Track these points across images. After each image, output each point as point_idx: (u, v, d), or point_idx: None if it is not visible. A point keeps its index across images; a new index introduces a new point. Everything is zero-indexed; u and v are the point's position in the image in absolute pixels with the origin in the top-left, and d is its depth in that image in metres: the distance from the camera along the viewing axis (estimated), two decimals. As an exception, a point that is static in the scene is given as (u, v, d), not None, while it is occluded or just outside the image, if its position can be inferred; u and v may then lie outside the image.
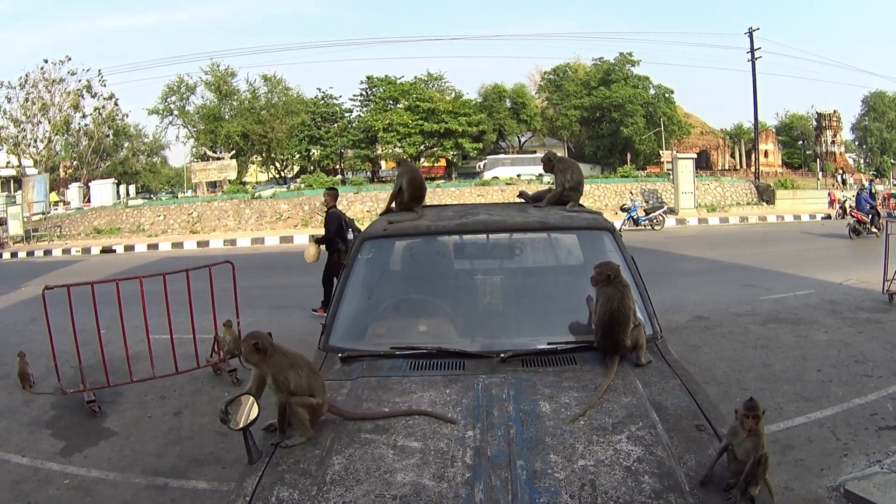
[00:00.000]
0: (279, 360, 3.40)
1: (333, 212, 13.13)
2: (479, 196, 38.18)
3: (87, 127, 61.80)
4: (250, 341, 3.39)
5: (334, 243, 12.86)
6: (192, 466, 6.76)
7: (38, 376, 9.58)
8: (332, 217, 13.04)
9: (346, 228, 12.94)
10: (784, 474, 5.98)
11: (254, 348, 3.38)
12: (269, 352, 3.40)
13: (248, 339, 3.40)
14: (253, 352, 3.38)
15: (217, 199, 40.83)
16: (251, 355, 3.39)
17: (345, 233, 12.91)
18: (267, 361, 3.39)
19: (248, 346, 3.38)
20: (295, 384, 3.33)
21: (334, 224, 12.86)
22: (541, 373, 3.86)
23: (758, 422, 2.83)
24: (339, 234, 12.86)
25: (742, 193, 44.40)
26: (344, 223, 12.95)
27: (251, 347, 3.38)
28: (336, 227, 12.85)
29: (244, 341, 3.42)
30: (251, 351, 3.38)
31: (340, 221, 12.95)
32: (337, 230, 12.84)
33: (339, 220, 12.96)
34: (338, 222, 12.93)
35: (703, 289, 14.99)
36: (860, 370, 8.92)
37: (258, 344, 3.38)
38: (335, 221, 12.89)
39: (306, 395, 3.33)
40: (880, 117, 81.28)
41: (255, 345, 3.38)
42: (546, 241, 5.99)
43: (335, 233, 12.83)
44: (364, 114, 63.14)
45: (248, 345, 3.38)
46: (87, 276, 14.96)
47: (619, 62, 67.21)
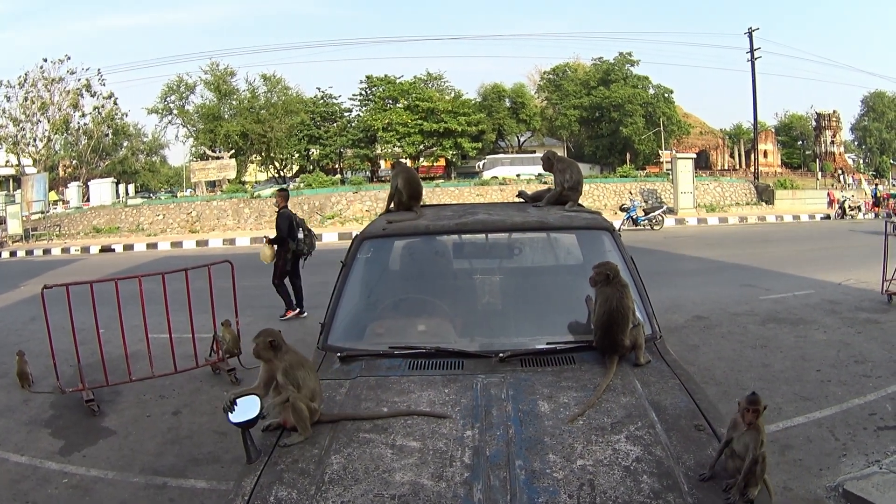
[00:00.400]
0: (292, 357, 3.45)
1: (284, 212, 13.31)
2: (478, 196, 38.15)
3: (86, 126, 61.75)
4: (266, 338, 3.45)
5: (285, 243, 13.09)
6: (191, 465, 6.76)
7: (37, 375, 9.58)
8: (282, 217, 13.21)
9: (297, 228, 13.21)
10: (783, 474, 5.98)
11: (269, 345, 3.44)
12: (283, 349, 3.47)
13: (265, 336, 3.46)
14: (268, 348, 3.44)
15: (216, 199, 40.80)
16: (265, 351, 3.45)
17: (295, 232, 13.18)
18: (280, 357, 3.44)
19: (263, 343, 3.45)
20: (303, 383, 3.37)
21: (285, 224, 13.08)
22: (540, 372, 3.86)
23: (758, 416, 2.84)
24: (291, 234, 13.13)
25: (741, 193, 44.38)
26: (295, 223, 13.21)
27: (266, 344, 3.44)
28: (287, 227, 13.09)
29: (259, 337, 3.47)
30: (266, 347, 3.44)
31: (291, 221, 13.20)
32: (288, 230, 13.09)
33: (290, 220, 13.23)
34: (289, 222, 13.17)
35: (702, 289, 14.98)
36: (859, 370, 8.92)
37: (274, 341, 3.45)
38: (286, 221, 13.10)
39: (309, 396, 3.35)
40: (880, 117, 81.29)
41: (271, 342, 3.45)
42: (545, 241, 5.99)
43: (286, 233, 13.06)
44: (363, 113, 63.21)
45: (264, 341, 3.45)
46: (86, 275, 14.94)
47: (618, 62, 67.28)
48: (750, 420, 2.83)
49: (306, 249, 13.22)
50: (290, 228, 13.14)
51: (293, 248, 13.08)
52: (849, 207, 38.15)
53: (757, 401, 2.85)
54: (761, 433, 2.82)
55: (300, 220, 13.40)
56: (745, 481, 2.76)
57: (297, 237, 13.20)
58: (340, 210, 38.38)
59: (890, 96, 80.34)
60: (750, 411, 2.84)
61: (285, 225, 13.07)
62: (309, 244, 13.29)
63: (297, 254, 13.16)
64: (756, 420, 2.83)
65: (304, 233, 13.22)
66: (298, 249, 13.11)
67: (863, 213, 38.86)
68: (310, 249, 13.33)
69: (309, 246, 13.29)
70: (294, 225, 13.22)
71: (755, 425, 2.82)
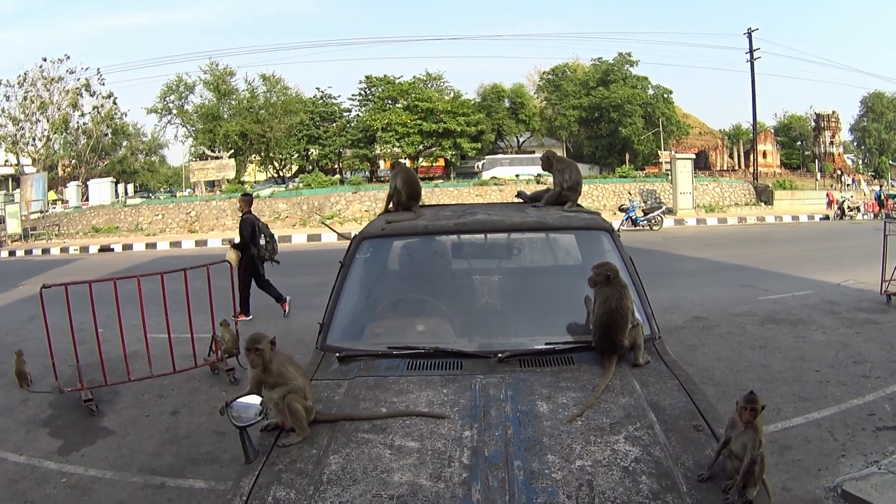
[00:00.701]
0: (281, 357, 3.47)
1: (247, 217, 13.41)
2: (477, 196, 38.20)
3: (85, 126, 61.78)
4: (254, 345, 3.43)
5: (248, 247, 13.18)
6: (190, 465, 6.75)
7: (36, 375, 9.58)
8: (245, 222, 13.32)
9: (259, 234, 13.27)
10: (782, 475, 5.97)
11: (258, 351, 3.42)
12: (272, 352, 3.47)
13: (252, 343, 3.45)
14: (258, 356, 3.42)
15: (215, 199, 40.84)
16: (256, 358, 3.43)
17: (257, 237, 13.23)
18: (272, 360, 3.44)
19: (267, 345, 3.44)
20: (294, 381, 3.38)
21: (248, 229, 13.18)
22: (538, 373, 3.86)
23: (755, 415, 2.84)
24: (252, 239, 13.21)
25: (740, 194, 44.43)
26: (257, 228, 13.26)
27: (269, 345, 3.45)
28: (250, 232, 13.18)
29: (248, 348, 3.46)
30: (257, 355, 3.43)
31: (254, 226, 13.27)
32: (250, 235, 13.19)
33: (252, 225, 13.29)
34: (251, 227, 13.24)
35: (701, 289, 14.98)
36: (858, 371, 8.92)
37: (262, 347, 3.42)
38: (248, 226, 13.19)
39: (302, 395, 3.35)
40: (879, 118, 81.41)
41: (272, 340, 3.46)
42: (544, 241, 5.99)
43: (249, 238, 13.17)
44: (363, 113, 63.41)
45: (267, 342, 3.44)
46: (85, 275, 14.96)
47: (617, 62, 67.43)
48: (747, 419, 2.83)
49: (268, 255, 13.32)
50: (252, 233, 13.24)
51: (255, 253, 13.22)
52: (848, 208, 38.22)
53: (754, 400, 2.85)
54: (759, 433, 2.82)
55: (263, 226, 13.50)
56: (744, 482, 2.76)
57: (258, 242, 13.31)
58: (339, 210, 38.39)
59: (889, 97, 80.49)
60: (748, 410, 2.83)
61: (248, 230, 13.19)
62: (271, 249, 13.39)
63: (259, 258, 13.29)
64: (754, 419, 2.83)
65: (265, 238, 13.33)
66: (261, 254, 13.20)
67: (862, 213, 38.91)
68: (272, 254, 13.44)
69: (271, 252, 13.41)
70: (256, 230, 13.31)
71: (753, 425, 2.82)
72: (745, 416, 2.83)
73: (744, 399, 2.87)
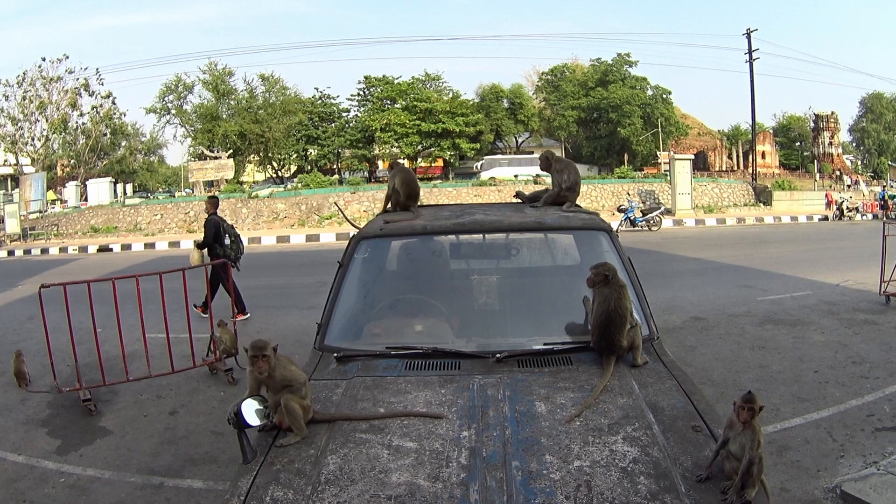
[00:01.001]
0: (282, 360, 3.46)
1: (212, 218, 13.69)
2: (475, 196, 38.20)
3: (84, 125, 61.72)
4: (259, 352, 3.43)
5: (213, 248, 13.43)
6: (188, 466, 6.75)
7: (35, 375, 9.58)
8: (209, 224, 13.57)
9: (224, 234, 13.51)
10: (780, 475, 5.98)
11: (274, 351, 3.44)
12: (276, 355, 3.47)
13: (255, 349, 3.44)
14: (265, 363, 3.42)
15: (214, 199, 40.60)
16: (263, 365, 3.42)
17: (222, 238, 13.47)
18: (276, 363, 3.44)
19: (271, 351, 3.44)
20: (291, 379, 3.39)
21: (211, 230, 13.45)
22: (537, 373, 3.85)
23: (753, 415, 2.84)
24: (217, 240, 13.48)
25: (739, 195, 44.45)
26: (222, 229, 13.57)
27: (273, 352, 3.44)
28: (213, 233, 13.45)
29: (251, 359, 3.46)
30: (273, 354, 3.44)
31: (218, 227, 13.55)
32: (214, 236, 13.46)
33: (216, 226, 13.55)
34: (215, 228, 13.50)
35: (699, 289, 14.97)
36: (857, 371, 8.92)
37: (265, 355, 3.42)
38: (212, 228, 13.49)
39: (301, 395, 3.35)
40: (878, 119, 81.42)
41: (275, 347, 3.46)
42: (542, 242, 5.99)
43: (213, 238, 13.44)
44: (361, 114, 63.50)
45: (271, 349, 3.44)
46: (84, 274, 15.05)
47: (616, 63, 67.48)
48: (745, 419, 2.83)
49: (233, 255, 13.41)
50: (216, 234, 13.48)
51: (220, 253, 13.28)
52: (847, 209, 38.19)
53: (752, 399, 2.85)
54: (758, 433, 2.82)
55: (228, 226, 13.72)
56: (742, 482, 2.76)
57: (223, 242, 13.54)
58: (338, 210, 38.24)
59: (888, 97, 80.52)
60: (745, 410, 2.84)
61: (211, 231, 13.43)
62: (236, 249, 13.56)
63: (226, 258, 13.06)
64: (752, 419, 2.83)
65: (230, 238, 13.62)
66: (225, 255, 13.19)
67: (861, 214, 38.91)
68: (237, 255, 13.57)
69: (236, 251, 13.56)
70: (221, 231, 13.55)
71: (751, 425, 2.82)
72: (743, 416, 2.83)
73: (742, 399, 2.87)
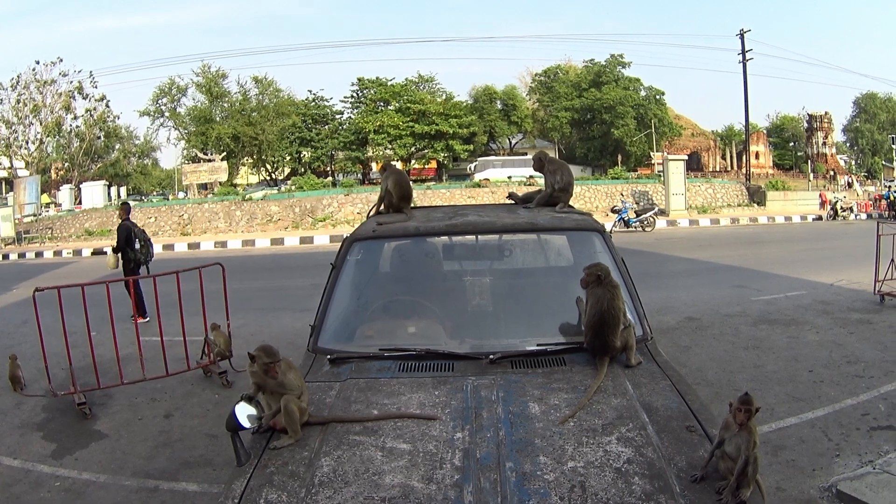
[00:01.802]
0: (282, 365, 3.44)
1: (124, 224, 14.31)
2: (469, 198, 38.21)
3: (78, 128, 61.65)
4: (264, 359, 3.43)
5: (125, 252, 14.05)
6: (183, 469, 6.74)
7: (29, 378, 9.55)
8: (121, 229, 14.21)
9: (135, 239, 14.19)
10: (776, 475, 5.98)
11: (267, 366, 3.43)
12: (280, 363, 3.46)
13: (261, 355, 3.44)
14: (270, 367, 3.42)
15: (208, 202, 40.83)
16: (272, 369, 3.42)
17: (133, 243, 14.14)
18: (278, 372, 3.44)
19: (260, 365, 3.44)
20: (290, 384, 3.39)
21: (123, 235, 14.06)
22: (530, 374, 3.85)
23: (749, 416, 2.85)
24: (129, 244, 14.07)
25: (733, 195, 44.52)
26: (133, 234, 14.19)
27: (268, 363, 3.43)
28: (125, 238, 14.04)
29: (256, 364, 3.46)
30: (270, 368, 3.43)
31: (130, 232, 14.14)
32: (126, 241, 14.04)
33: (128, 231, 14.14)
34: (126, 233, 14.09)
35: (693, 290, 14.99)
36: (852, 370, 8.94)
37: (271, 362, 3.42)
38: (124, 233, 14.09)
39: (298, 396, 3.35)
40: (871, 119, 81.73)
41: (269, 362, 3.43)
42: (535, 243, 5.99)
43: (124, 243, 14.02)
44: (355, 116, 63.54)
45: (264, 362, 3.43)
46: (79, 278, 14.97)
47: (610, 64, 67.58)
48: (742, 421, 2.83)
49: (143, 259, 14.19)
50: (127, 239, 14.03)
51: (132, 257, 14.00)
52: (841, 209, 38.27)
53: (749, 401, 2.86)
54: (753, 434, 2.82)
55: (139, 232, 14.47)
56: (738, 482, 2.77)
57: (134, 247, 14.11)
58: (332, 212, 38.39)
59: (882, 98, 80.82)
60: (742, 411, 2.84)
61: (123, 236, 14.02)
62: (145, 253, 14.27)
63: (136, 262, 14.02)
64: (748, 421, 2.83)
65: (140, 243, 14.21)
66: (136, 258, 13.98)
67: (855, 214, 39.03)
68: (146, 258, 14.29)
69: (145, 255, 14.24)
70: (132, 236, 14.11)
71: (747, 426, 2.83)
72: (740, 417, 2.84)
73: (738, 400, 2.87)
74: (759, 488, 2.88)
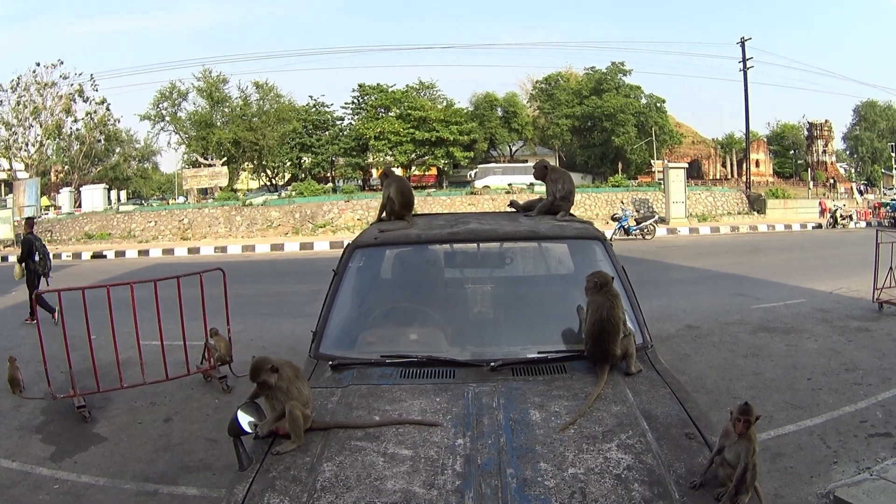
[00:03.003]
0: (287, 372, 3.45)
1: (27, 237, 15.21)
2: (469, 205, 38.21)
3: (78, 131, 61.53)
4: (265, 368, 3.44)
5: (27, 263, 14.90)
6: (182, 473, 6.75)
7: (28, 381, 9.55)
8: (25, 241, 15.11)
9: (35, 251, 14.99)
10: (774, 482, 6.00)
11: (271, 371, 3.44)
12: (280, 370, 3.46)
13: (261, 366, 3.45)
14: (270, 373, 3.43)
15: (208, 206, 40.79)
16: (269, 377, 3.43)
17: (34, 254, 14.96)
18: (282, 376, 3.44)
19: (269, 374, 3.45)
20: (297, 392, 3.40)
21: (26, 248, 14.92)
22: (531, 381, 3.87)
23: (748, 426, 2.86)
24: (30, 255, 14.90)
25: (733, 203, 44.57)
26: (34, 247, 14.99)
27: (269, 373, 3.44)
28: (27, 251, 14.88)
29: (258, 374, 3.46)
30: (269, 373, 3.44)
31: (31, 245, 14.95)
32: (28, 253, 14.88)
33: (30, 244, 14.97)
34: (29, 246, 14.92)
35: (693, 298, 15.00)
36: (850, 378, 8.97)
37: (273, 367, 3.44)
38: (27, 245, 14.95)
39: (304, 403, 3.37)
40: (871, 127, 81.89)
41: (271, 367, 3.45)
42: (536, 251, 5.99)
43: (26, 255, 14.90)
44: (355, 122, 63.39)
45: (269, 369, 3.44)
46: (78, 281, 15.09)
47: (610, 71, 67.56)
48: (741, 430, 2.85)
49: (41, 270, 15.01)
50: (29, 251, 14.85)
51: (32, 268, 14.85)
52: (840, 216, 38.32)
53: (749, 410, 2.88)
54: (753, 442, 2.84)
55: (39, 245, 15.27)
56: (736, 489, 2.79)
57: (34, 259, 14.91)
58: (332, 219, 38.41)
59: (882, 106, 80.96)
60: (742, 421, 2.86)
61: (25, 249, 14.88)
62: (44, 265, 15.11)
63: (36, 273, 14.96)
64: (748, 430, 2.85)
65: (39, 256, 14.99)
66: (35, 269, 14.90)
67: (854, 221, 39.07)
68: (45, 270, 15.14)
69: (44, 267, 15.10)
70: (33, 249, 14.91)
71: (747, 435, 2.84)
72: (739, 427, 2.86)
73: (738, 410, 2.89)
74: (757, 495, 2.89)
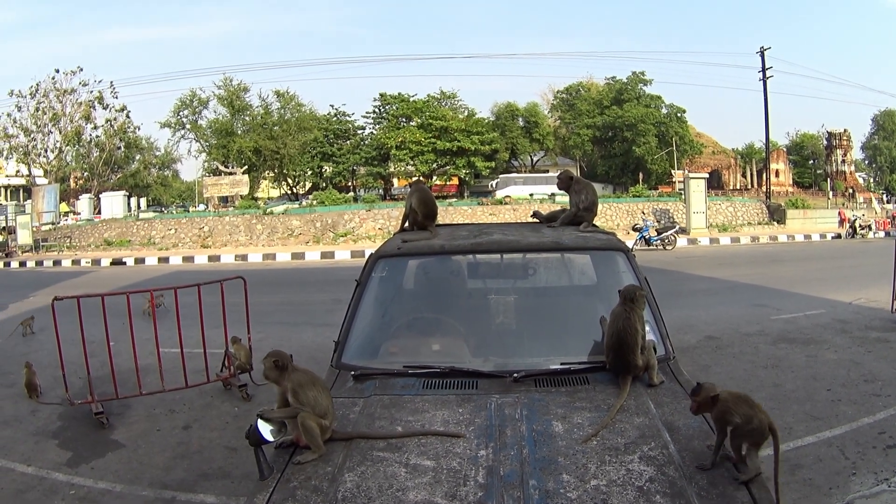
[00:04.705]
0: (299, 377, 3.46)
1: None
2: (490, 215, 38.28)
3: (98, 138, 62.12)
4: (271, 359, 3.50)
5: None
6: (201, 480, 6.75)
7: (45, 386, 9.63)
8: None
9: None
10: (793, 493, 5.96)
11: (273, 365, 3.48)
12: (288, 369, 3.49)
13: (270, 357, 3.51)
14: (273, 368, 3.48)
15: (228, 214, 41.03)
16: (272, 372, 3.49)
17: None
18: (287, 377, 3.47)
19: (268, 363, 3.50)
20: (313, 400, 3.38)
21: None
22: (553, 393, 3.86)
23: (699, 406, 3.28)
24: None
25: (753, 213, 44.44)
26: None
27: (271, 364, 3.49)
28: None
29: (266, 359, 3.52)
30: (271, 367, 3.48)
31: None
32: None
33: None
34: None
35: (713, 308, 14.94)
36: (869, 389, 8.91)
37: (278, 361, 3.48)
38: None
39: (320, 414, 3.36)
40: (890, 136, 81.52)
41: (275, 362, 3.49)
42: (559, 262, 5.99)
43: None
44: (377, 131, 63.35)
45: (269, 362, 3.50)
46: (97, 287, 15.17)
47: (631, 81, 67.32)
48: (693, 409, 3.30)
49: None
50: None
51: None
52: (860, 226, 38.15)
53: (697, 391, 3.32)
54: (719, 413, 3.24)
55: None
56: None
57: None
58: (353, 228, 38.55)
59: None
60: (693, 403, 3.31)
61: None
62: None
63: None
64: (696, 411, 3.34)
65: None
66: None
67: (873, 231, 38.90)
68: None
69: None
70: None
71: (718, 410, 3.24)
72: (693, 407, 3.32)
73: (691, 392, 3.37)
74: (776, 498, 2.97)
